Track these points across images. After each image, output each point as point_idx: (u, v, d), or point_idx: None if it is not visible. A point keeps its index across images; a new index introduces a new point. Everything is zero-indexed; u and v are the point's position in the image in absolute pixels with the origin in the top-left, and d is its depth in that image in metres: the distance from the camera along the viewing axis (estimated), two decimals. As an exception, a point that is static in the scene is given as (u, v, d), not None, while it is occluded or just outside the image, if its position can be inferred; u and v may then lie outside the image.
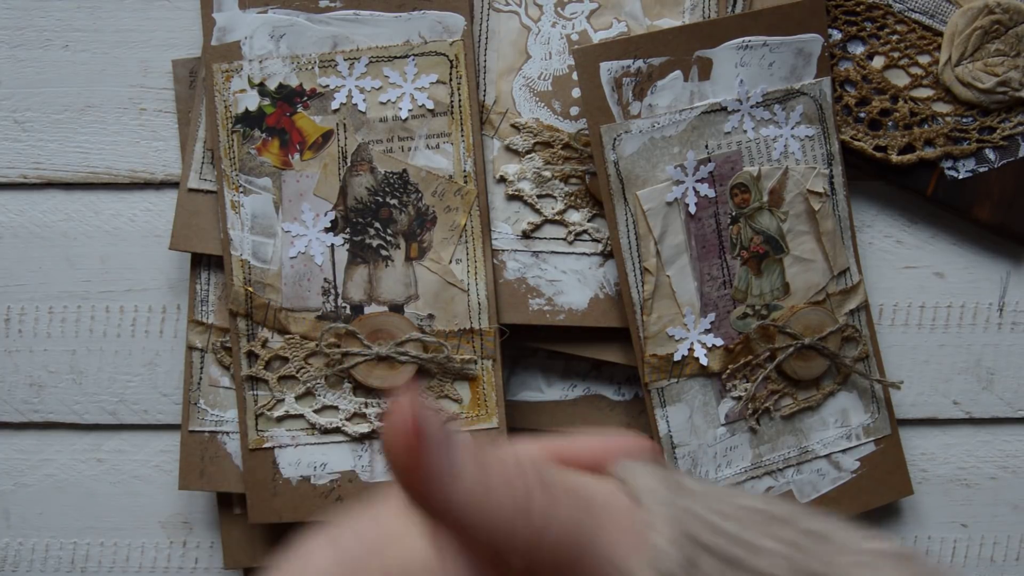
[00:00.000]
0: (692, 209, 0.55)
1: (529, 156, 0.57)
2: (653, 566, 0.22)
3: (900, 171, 0.58)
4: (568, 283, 0.57)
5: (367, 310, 0.55)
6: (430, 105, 0.55)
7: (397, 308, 0.56)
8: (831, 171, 0.57)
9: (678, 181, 0.55)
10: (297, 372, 0.56)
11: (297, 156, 0.55)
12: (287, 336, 0.55)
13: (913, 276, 0.61)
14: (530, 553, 0.22)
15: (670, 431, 0.56)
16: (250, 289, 0.55)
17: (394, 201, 0.55)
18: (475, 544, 0.23)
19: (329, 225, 0.55)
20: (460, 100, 0.55)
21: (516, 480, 0.22)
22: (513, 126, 0.57)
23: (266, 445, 0.56)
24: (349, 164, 0.55)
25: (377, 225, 0.56)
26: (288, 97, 0.55)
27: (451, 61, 0.55)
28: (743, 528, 0.24)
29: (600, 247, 0.57)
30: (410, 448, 0.22)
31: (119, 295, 0.60)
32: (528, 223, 0.56)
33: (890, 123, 0.58)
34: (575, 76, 0.56)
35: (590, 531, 0.23)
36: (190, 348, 0.58)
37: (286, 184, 0.55)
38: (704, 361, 0.56)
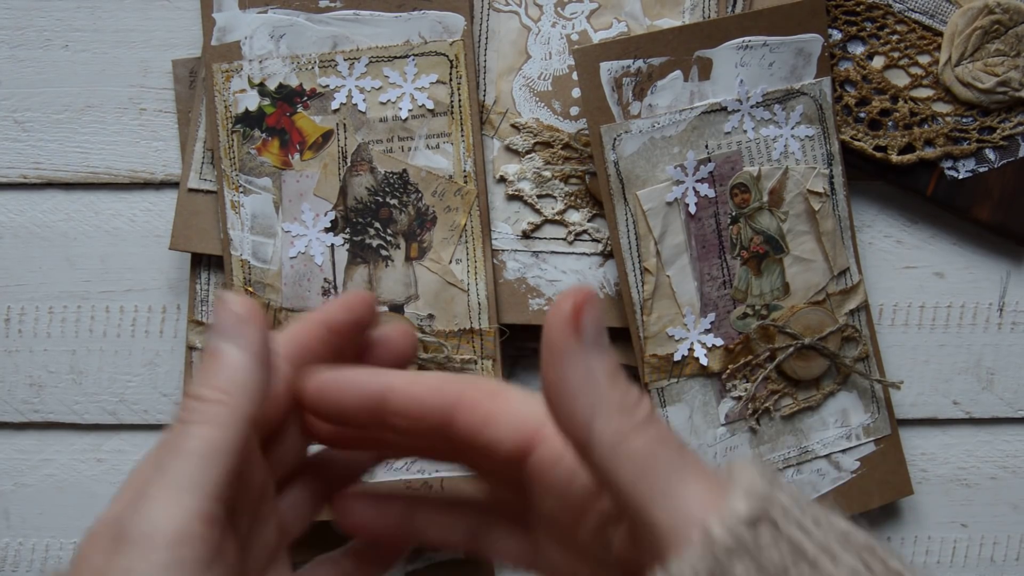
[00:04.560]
0: (692, 209, 0.55)
1: (529, 156, 0.57)
2: (721, 523, 0.23)
3: (900, 171, 0.58)
4: (568, 283, 0.57)
5: (367, 310, 0.55)
6: (430, 105, 0.55)
7: (397, 308, 0.56)
8: (831, 171, 0.57)
9: (678, 181, 0.55)
10: (297, 372, 0.56)
11: (297, 156, 0.55)
12: (287, 336, 0.55)
13: (913, 276, 0.61)
14: (607, 456, 0.24)
15: (670, 431, 0.56)
16: (250, 289, 0.55)
17: (394, 201, 0.55)
18: (566, 426, 0.25)
19: (329, 225, 0.55)
20: (460, 100, 0.55)
21: (631, 415, 0.25)
22: (513, 126, 0.57)
23: (266, 445, 0.56)
24: (349, 164, 0.55)
25: (377, 225, 0.56)
26: (288, 97, 0.55)
27: (451, 61, 0.55)
28: (825, 532, 0.24)
29: (600, 247, 0.57)
30: (575, 321, 0.25)
31: (119, 295, 0.60)
32: (528, 223, 0.56)
33: (890, 123, 0.58)
34: (575, 76, 0.56)
35: (669, 470, 0.24)
36: (190, 348, 0.58)
37: (286, 184, 0.55)
38: (704, 361, 0.56)
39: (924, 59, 0.57)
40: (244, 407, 0.27)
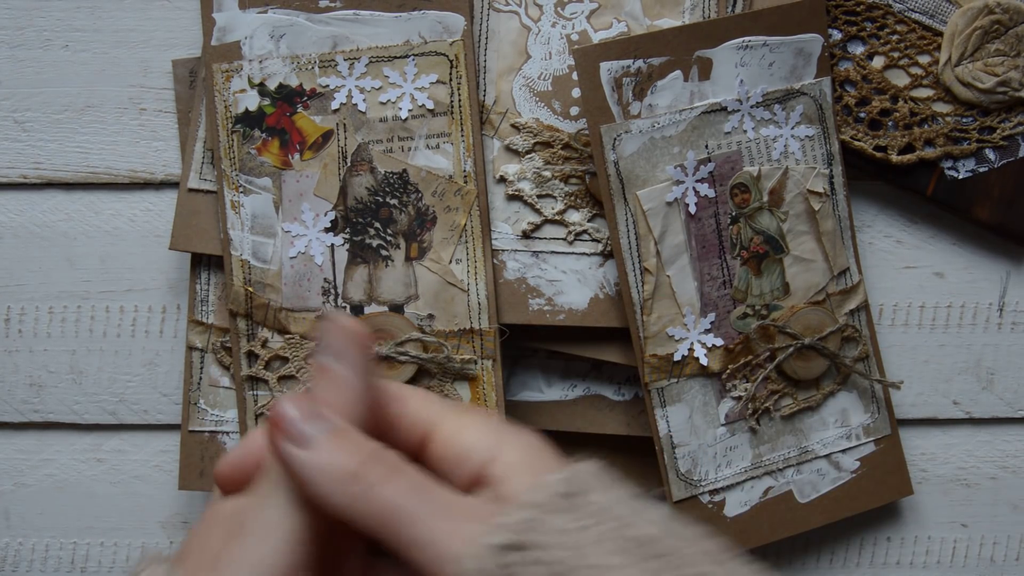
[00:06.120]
0: (692, 209, 0.55)
1: (529, 156, 0.57)
2: (472, 558, 0.26)
3: (900, 171, 0.58)
4: (568, 283, 0.57)
5: (367, 310, 0.55)
6: (430, 105, 0.55)
7: (397, 308, 0.56)
8: (831, 171, 0.57)
9: (678, 181, 0.55)
10: (297, 372, 0.56)
11: (297, 156, 0.55)
12: (287, 336, 0.55)
13: (913, 276, 0.61)
14: (352, 510, 0.27)
15: (670, 431, 0.56)
16: (250, 289, 0.55)
17: (394, 201, 0.55)
18: (311, 494, 0.28)
19: (329, 225, 0.55)
20: (460, 100, 0.55)
21: (360, 456, 0.28)
22: (513, 126, 0.57)
23: (266, 445, 0.56)
24: (349, 164, 0.55)
25: (377, 225, 0.56)
26: (288, 97, 0.55)
27: (451, 61, 0.55)
28: (609, 553, 0.26)
29: (600, 247, 0.57)
30: (276, 423, 0.29)
31: (119, 295, 0.60)
32: (528, 223, 0.56)
33: (890, 123, 0.58)
34: (575, 76, 0.56)
35: (417, 514, 0.27)
36: (190, 348, 0.58)
37: (286, 184, 0.55)
38: (704, 361, 0.56)
39: (924, 59, 0.57)
40: (355, 422, 0.30)
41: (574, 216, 0.57)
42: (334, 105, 0.55)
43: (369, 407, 0.31)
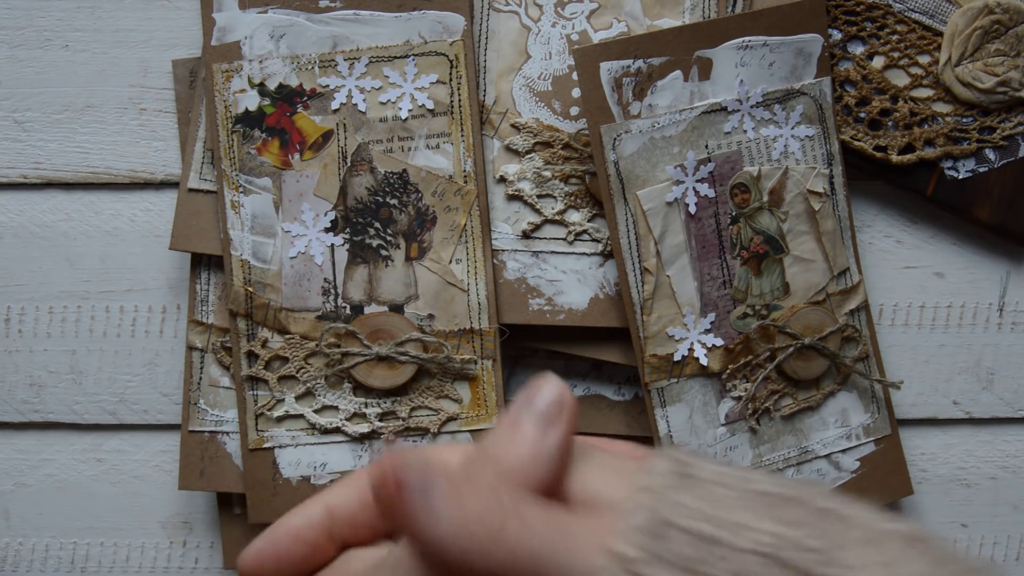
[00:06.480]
0: (692, 209, 0.55)
1: (529, 156, 0.57)
2: (614, 551, 0.24)
3: (900, 171, 0.58)
4: (568, 283, 0.57)
5: (367, 310, 0.55)
6: (430, 105, 0.55)
7: (397, 308, 0.56)
8: (831, 171, 0.57)
9: (678, 181, 0.55)
10: (297, 372, 0.56)
11: (297, 156, 0.55)
12: (287, 336, 0.55)
13: (913, 276, 0.61)
14: (504, 572, 0.25)
15: (670, 431, 0.56)
16: (250, 289, 0.55)
17: (394, 201, 0.55)
18: (452, 563, 0.25)
19: (329, 225, 0.55)
20: (460, 100, 0.55)
21: (491, 511, 0.25)
22: (513, 126, 0.57)
23: (266, 445, 0.56)
24: (349, 164, 0.55)
25: (377, 225, 0.56)
26: (288, 97, 0.55)
27: (451, 61, 0.55)
28: (741, 511, 0.25)
29: (600, 247, 0.57)
30: (392, 497, 0.25)
31: (119, 295, 0.60)
32: (528, 223, 0.56)
33: (890, 123, 0.58)
34: (575, 76, 0.56)
35: (564, 549, 0.25)
36: (190, 348, 0.58)
37: (286, 184, 0.55)
38: (704, 361, 0.56)
39: (924, 59, 0.57)
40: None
41: (574, 216, 0.57)
42: (334, 105, 0.55)
43: (548, 477, 0.27)
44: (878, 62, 0.58)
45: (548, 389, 0.28)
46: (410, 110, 0.55)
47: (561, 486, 0.27)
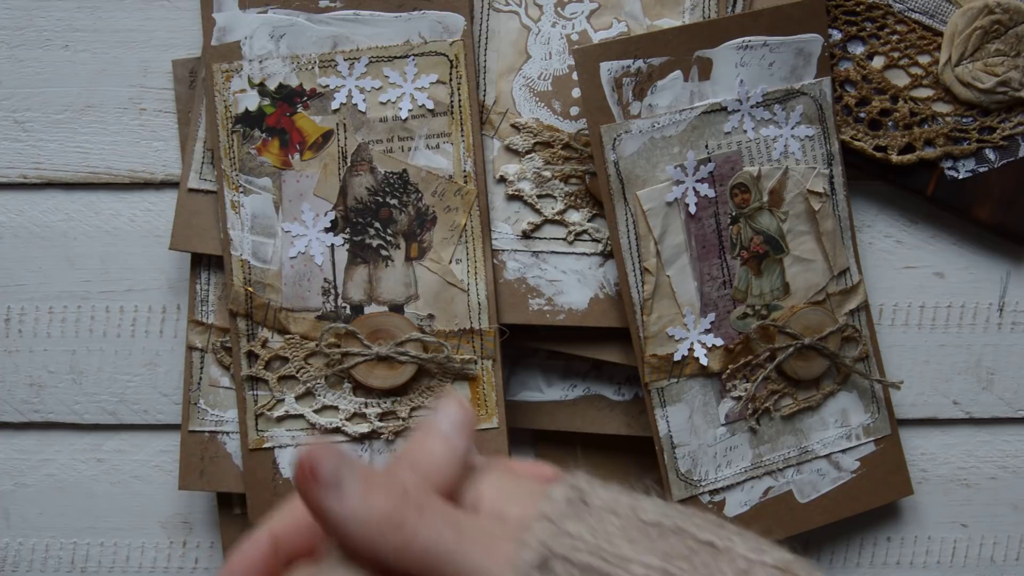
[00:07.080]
0: (692, 209, 0.55)
1: (529, 156, 0.57)
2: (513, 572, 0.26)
3: (900, 171, 0.58)
4: (568, 283, 0.57)
5: (367, 310, 0.55)
6: (430, 105, 0.55)
7: (397, 308, 0.56)
8: (831, 171, 0.57)
9: (678, 181, 0.55)
10: (297, 372, 0.56)
11: (297, 156, 0.55)
12: (287, 336, 0.55)
13: (913, 276, 0.61)
14: (399, 558, 0.27)
15: (670, 431, 0.56)
16: (250, 289, 0.55)
17: (394, 201, 0.55)
18: (355, 549, 0.28)
19: (329, 225, 0.55)
20: (460, 100, 0.55)
21: (394, 499, 0.28)
22: (513, 126, 0.57)
23: (266, 445, 0.56)
24: (349, 164, 0.55)
25: (377, 225, 0.56)
26: (288, 97, 0.55)
27: (451, 61, 0.55)
28: (627, 543, 0.27)
29: (600, 247, 0.57)
30: (308, 482, 0.28)
31: (119, 295, 0.60)
32: (528, 223, 0.56)
33: (890, 123, 0.58)
34: (575, 76, 0.56)
35: (456, 546, 0.27)
36: (190, 348, 0.58)
37: (286, 184, 0.55)
38: (704, 361, 0.56)
39: (924, 59, 0.57)
40: (440, 484, 0.30)
41: (574, 216, 0.57)
42: (334, 105, 0.55)
43: (454, 481, 0.31)
44: (878, 62, 0.58)
45: (454, 406, 0.31)
46: (410, 110, 0.55)
47: (466, 496, 0.30)
